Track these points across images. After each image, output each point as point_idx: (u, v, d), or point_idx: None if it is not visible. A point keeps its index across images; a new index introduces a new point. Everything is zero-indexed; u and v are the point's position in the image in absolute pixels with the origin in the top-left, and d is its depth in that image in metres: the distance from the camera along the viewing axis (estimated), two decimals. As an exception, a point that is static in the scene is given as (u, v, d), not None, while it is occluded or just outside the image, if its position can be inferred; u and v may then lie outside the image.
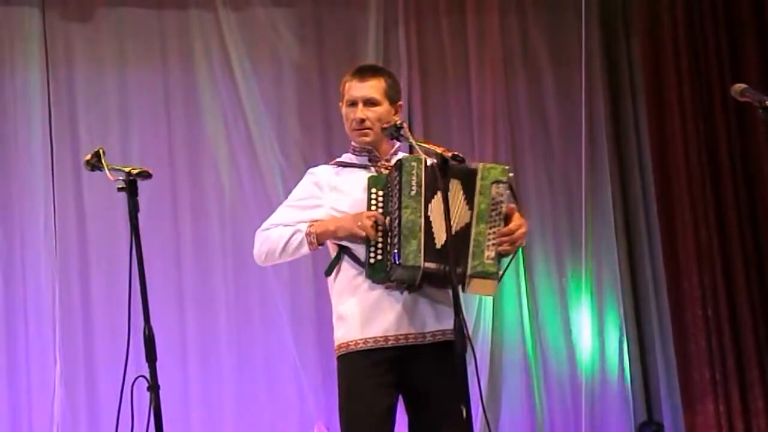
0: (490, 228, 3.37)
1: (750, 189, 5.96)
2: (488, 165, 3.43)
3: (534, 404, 5.96)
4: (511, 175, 3.45)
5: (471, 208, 3.38)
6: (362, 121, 3.49)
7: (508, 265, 3.46)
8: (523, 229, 3.44)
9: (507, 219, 3.43)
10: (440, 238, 3.31)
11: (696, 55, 6.01)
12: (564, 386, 6.01)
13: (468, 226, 3.36)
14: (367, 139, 3.50)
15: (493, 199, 3.39)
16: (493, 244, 3.37)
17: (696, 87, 5.98)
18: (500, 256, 3.40)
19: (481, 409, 4.34)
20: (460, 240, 3.33)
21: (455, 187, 3.37)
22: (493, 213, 3.39)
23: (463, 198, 3.38)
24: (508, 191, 3.43)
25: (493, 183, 3.39)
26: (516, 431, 5.94)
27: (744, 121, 5.96)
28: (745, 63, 5.98)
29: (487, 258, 3.35)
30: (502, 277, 3.43)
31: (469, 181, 3.38)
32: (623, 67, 6.34)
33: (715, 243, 5.89)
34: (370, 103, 3.51)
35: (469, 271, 3.33)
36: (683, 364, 5.89)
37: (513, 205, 3.46)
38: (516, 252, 3.46)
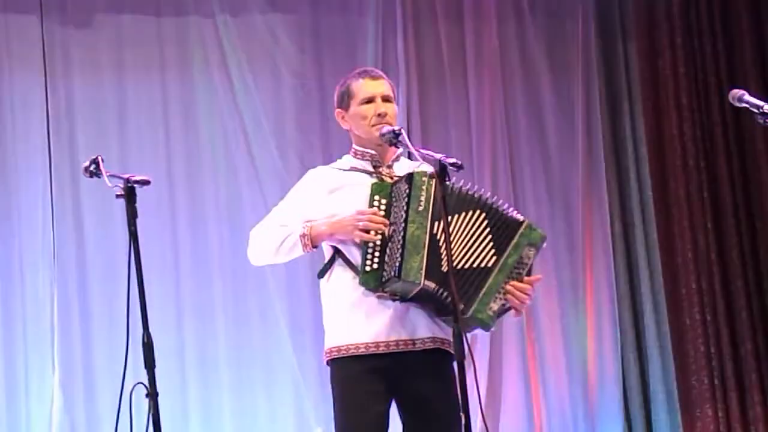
0: (505, 283, 3.38)
1: (748, 194, 5.98)
2: (533, 224, 3.45)
3: (533, 411, 5.95)
4: (545, 245, 3.47)
5: (498, 255, 3.38)
6: (385, 114, 3.48)
7: (498, 315, 3.44)
8: (532, 295, 3.46)
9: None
10: (446, 260, 3.28)
11: (693, 60, 6.02)
12: (562, 392, 6.01)
13: (489, 270, 3.36)
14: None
15: (521, 258, 3.41)
16: (501, 298, 3.38)
17: (693, 92, 6.00)
18: (502, 311, 3.41)
19: (480, 416, 4.32)
20: (474, 277, 3.34)
21: (476, 218, 3.37)
22: (515, 272, 3.40)
23: (490, 237, 3.37)
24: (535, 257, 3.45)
25: (528, 244, 3.42)
26: (515, 438, 5.95)
27: (741, 126, 5.97)
28: (743, 68, 5.99)
29: (490, 309, 3.36)
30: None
31: (505, 226, 3.39)
32: (621, 73, 6.34)
33: (713, 248, 5.90)
34: (386, 99, 3.51)
35: (469, 312, 3.32)
36: (681, 369, 5.90)
37: (540, 276, 3.48)
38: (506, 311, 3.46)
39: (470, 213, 3.37)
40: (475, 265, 3.35)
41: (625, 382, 6.07)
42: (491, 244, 3.38)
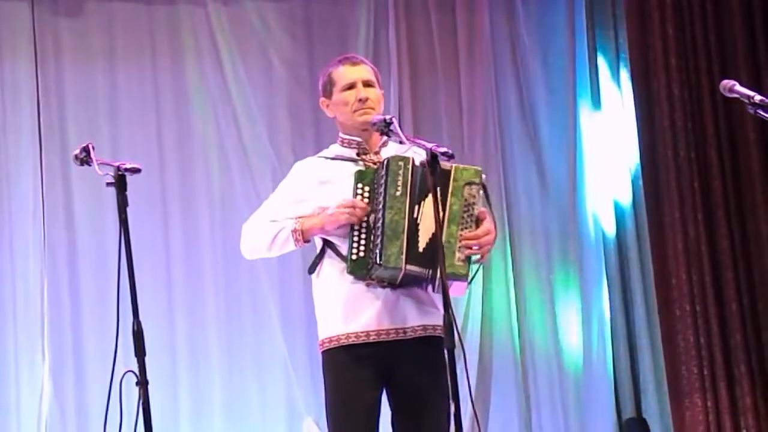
0: (461, 230, 3.35)
1: (738, 185, 5.98)
2: (461, 166, 3.40)
3: (522, 400, 5.97)
4: (484, 177, 3.43)
5: (444, 210, 3.34)
6: (366, 99, 3.49)
7: (476, 272, 3.42)
8: (491, 236, 3.42)
9: (478, 222, 3.41)
10: (424, 240, 3.30)
11: (685, 51, 6.02)
12: (552, 382, 6.02)
13: (440, 227, 3.32)
14: (371, 118, 3.46)
15: (465, 200, 3.37)
16: (464, 246, 3.35)
17: (685, 84, 5.99)
18: (470, 258, 3.38)
19: (470, 405, 4.34)
20: (433, 240, 3.31)
21: (439, 191, 3.36)
22: (465, 215, 3.36)
23: (440, 199, 3.35)
24: (481, 193, 3.41)
25: (466, 185, 3.37)
26: (505, 427, 5.95)
27: (732, 117, 5.97)
28: (734, 60, 5.99)
29: (458, 260, 3.33)
30: (471, 281, 3.40)
31: (442, 181, 3.35)
32: (612, 65, 6.34)
33: (704, 239, 5.91)
34: (367, 84, 3.51)
35: (438, 272, 3.30)
36: (671, 359, 5.91)
37: (484, 209, 3.44)
38: (486, 258, 3.43)
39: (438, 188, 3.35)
40: (433, 230, 3.32)
41: (616, 371, 6.08)
42: (439, 204, 3.35)
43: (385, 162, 3.36)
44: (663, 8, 6.02)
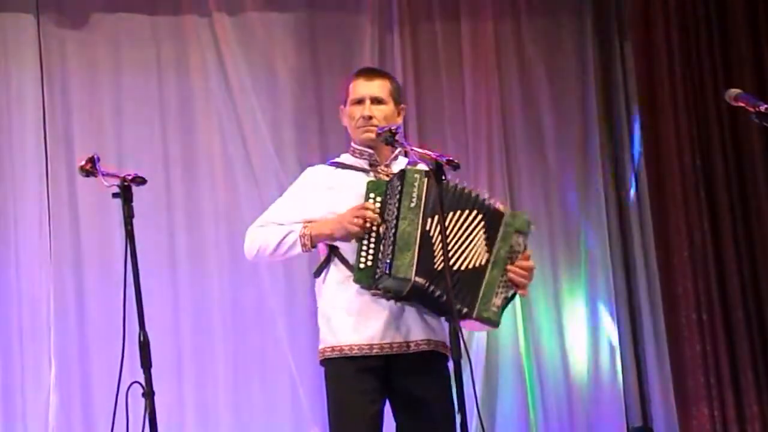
0: (503, 276, 3.40)
1: (744, 194, 5.97)
2: (513, 212, 3.47)
3: (529, 410, 5.95)
4: (533, 227, 3.49)
5: (489, 251, 3.39)
6: (370, 117, 3.49)
7: (503, 309, 3.47)
8: (532, 273, 3.48)
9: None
10: (440, 258, 3.29)
11: (690, 60, 6.02)
12: (559, 392, 6.01)
13: (483, 268, 3.38)
14: (373, 136, 3.48)
15: (511, 247, 3.43)
16: (502, 293, 3.41)
17: (690, 92, 5.99)
18: (505, 303, 3.43)
19: (476, 415, 4.33)
20: (471, 278, 3.35)
21: (472, 217, 3.38)
22: (509, 263, 3.42)
23: (483, 236, 3.38)
24: (524, 242, 3.47)
25: (515, 232, 3.43)
26: (511, 437, 5.95)
27: (737, 125, 5.97)
28: (739, 68, 5.99)
29: (494, 305, 3.39)
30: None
31: (492, 221, 3.40)
32: (617, 71, 6.35)
33: (709, 248, 5.90)
34: (377, 101, 3.52)
35: (475, 314, 3.35)
36: (677, 368, 5.90)
37: (529, 253, 3.49)
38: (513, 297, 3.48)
39: (465, 211, 3.37)
40: (470, 266, 3.35)
41: (623, 380, 6.07)
42: (483, 241, 3.39)
43: (401, 173, 3.36)
44: (667, 16, 6.03)
